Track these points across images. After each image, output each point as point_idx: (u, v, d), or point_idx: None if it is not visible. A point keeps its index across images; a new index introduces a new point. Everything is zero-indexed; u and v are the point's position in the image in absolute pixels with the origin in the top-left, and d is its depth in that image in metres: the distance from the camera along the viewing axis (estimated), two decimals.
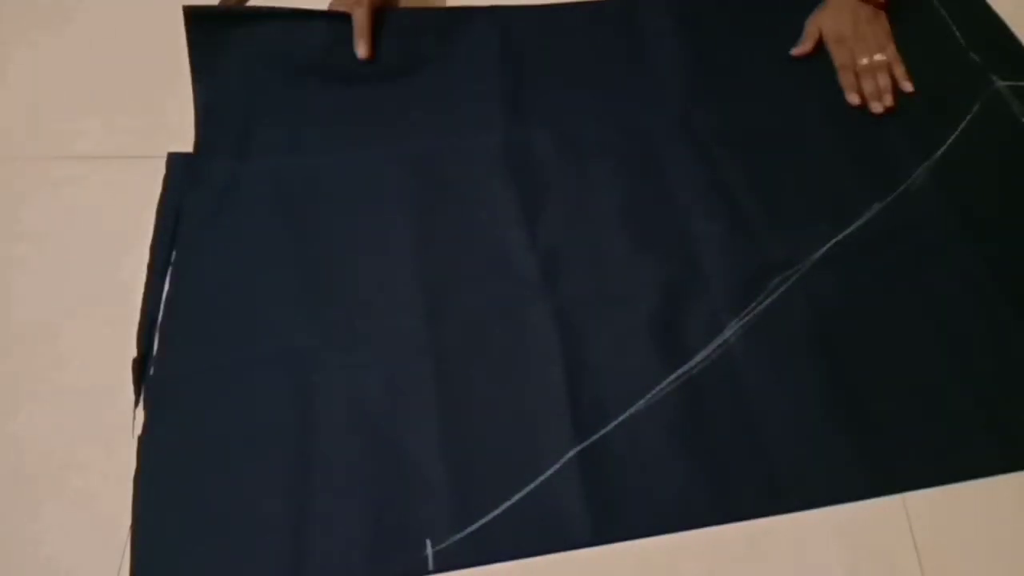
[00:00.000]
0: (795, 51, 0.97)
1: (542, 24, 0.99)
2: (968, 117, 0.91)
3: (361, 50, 0.94)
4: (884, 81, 0.93)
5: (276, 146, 0.88)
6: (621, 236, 0.82)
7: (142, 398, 0.72)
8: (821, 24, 0.97)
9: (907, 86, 0.93)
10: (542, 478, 0.68)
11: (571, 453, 0.69)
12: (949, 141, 0.89)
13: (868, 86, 0.93)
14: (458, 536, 0.66)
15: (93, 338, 0.75)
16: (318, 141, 0.88)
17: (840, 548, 0.66)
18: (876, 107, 0.92)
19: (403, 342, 0.75)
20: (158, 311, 0.76)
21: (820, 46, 0.97)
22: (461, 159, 0.87)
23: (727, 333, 0.76)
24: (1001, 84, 0.94)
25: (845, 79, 0.94)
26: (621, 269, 0.80)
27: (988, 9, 1.02)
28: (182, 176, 0.84)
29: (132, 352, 0.74)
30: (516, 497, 0.67)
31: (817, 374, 0.74)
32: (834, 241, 0.81)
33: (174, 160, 0.85)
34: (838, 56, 0.95)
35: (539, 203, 0.84)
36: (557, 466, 0.69)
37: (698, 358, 0.74)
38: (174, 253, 0.80)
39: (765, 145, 0.89)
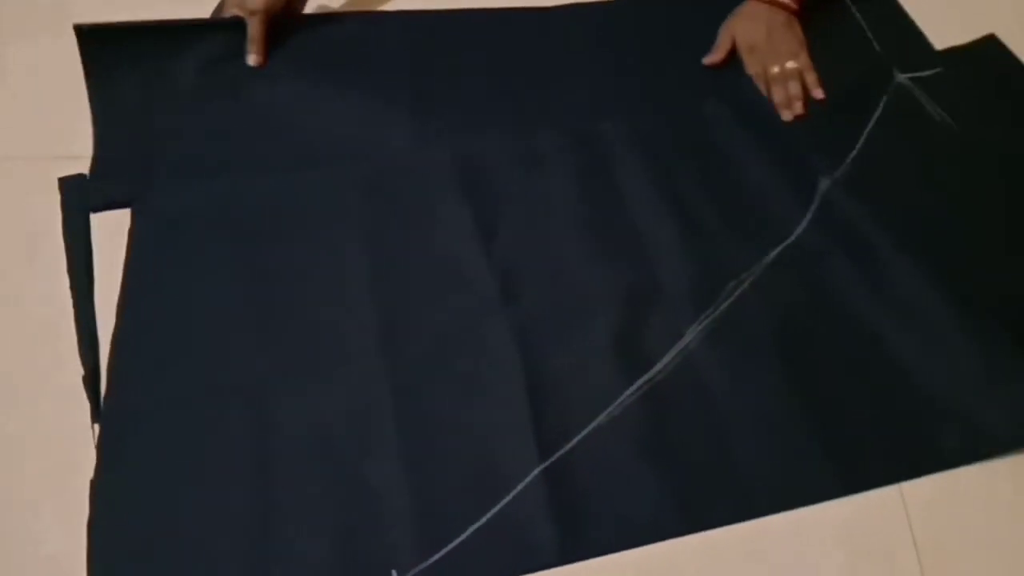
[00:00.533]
0: (706, 60, 0.98)
1: (486, 33, 1.00)
2: (878, 111, 0.92)
3: (252, 59, 0.94)
4: (795, 89, 0.94)
5: (223, 169, 0.88)
6: (577, 248, 0.82)
7: (95, 437, 0.72)
8: (734, 32, 0.97)
9: (818, 93, 0.94)
10: (507, 499, 0.68)
11: (535, 472, 0.69)
12: (860, 142, 0.89)
13: (778, 95, 0.94)
14: (424, 564, 0.65)
15: None
16: (263, 161, 0.88)
17: (840, 546, 0.68)
18: (786, 115, 0.93)
19: (360, 368, 0.75)
20: (94, 330, 0.77)
21: (733, 55, 0.98)
22: (412, 177, 0.87)
23: (687, 339, 0.76)
24: (903, 77, 0.95)
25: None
26: (578, 282, 0.80)
27: (898, 7, 1.03)
28: (79, 198, 0.85)
29: None
30: (481, 521, 0.67)
31: (778, 375, 0.75)
32: (783, 245, 0.82)
33: (68, 184, 0.86)
34: (750, 65, 0.96)
35: (494, 218, 0.84)
36: (521, 486, 0.68)
37: (659, 366, 0.75)
38: (123, 286, 0.80)
39: (714, 152, 0.90)
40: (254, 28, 0.93)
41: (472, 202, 0.85)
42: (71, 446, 0.71)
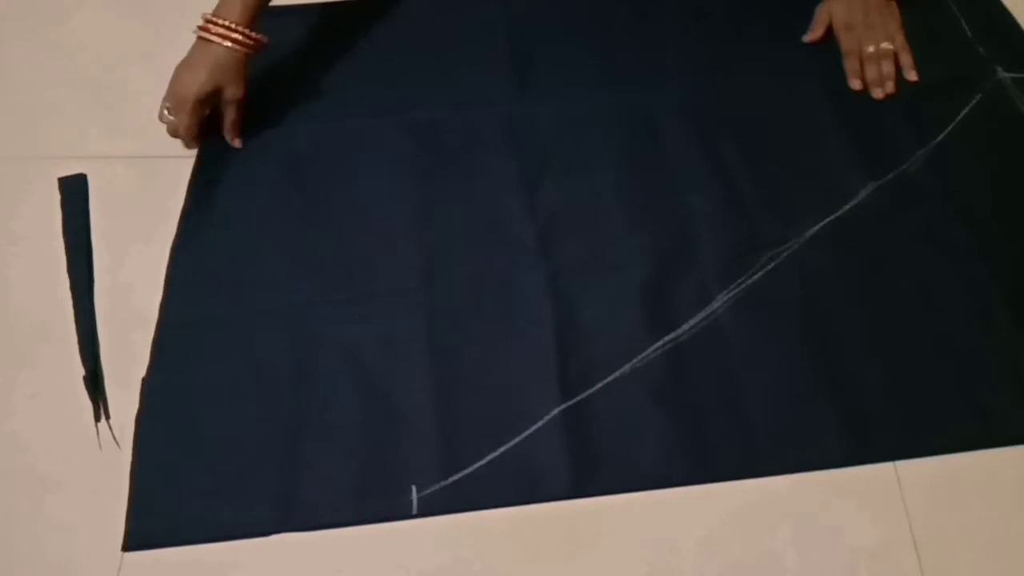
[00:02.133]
0: (806, 38, 0.99)
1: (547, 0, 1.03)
2: (969, 106, 0.92)
3: (238, 143, 0.91)
4: (888, 68, 0.95)
5: (284, 112, 0.92)
6: (617, 208, 0.84)
7: (149, 348, 0.76)
8: (832, 11, 0.99)
9: (912, 75, 0.95)
10: (527, 433, 0.70)
11: (556, 411, 0.71)
12: (949, 128, 0.90)
13: (871, 73, 0.94)
14: (443, 483, 0.68)
15: None
16: (326, 107, 0.93)
17: (839, 546, 0.67)
18: (877, 93, 0.94)
19: (400, 300, 0.78)
20: (94, 330, 0.78)
21: (830, 32, 0.99)
22: (466, 129, 0.91)
23: (716, 304, 0.78)
24: (1005, 75, 0.95)
25: (849, 65, 0.96)
26: (616, 239, 0.82)
27: (996, 1, 1.03)
28: (80, 198, 0.87)
29: (132, 349, 0.76)
30: (501, 449, 0.70)
31: (802, 347, 0.75)
32: (827, 220, 0.83)
33: (68, 184, 0.88)
34: (845, 42, 0.97)
35: (539, 174, 0.87)
36: (542, 423, 0.71)
37: (686, 326, 0.76)
38: (185, 210, 0.85)
39: (764, 124, 0.91)
40: (233, 116, 0.89)
41: (519, 157, 0.89)
42: (72, 446, 0.71)
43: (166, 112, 0.85)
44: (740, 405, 0.72)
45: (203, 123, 0.87)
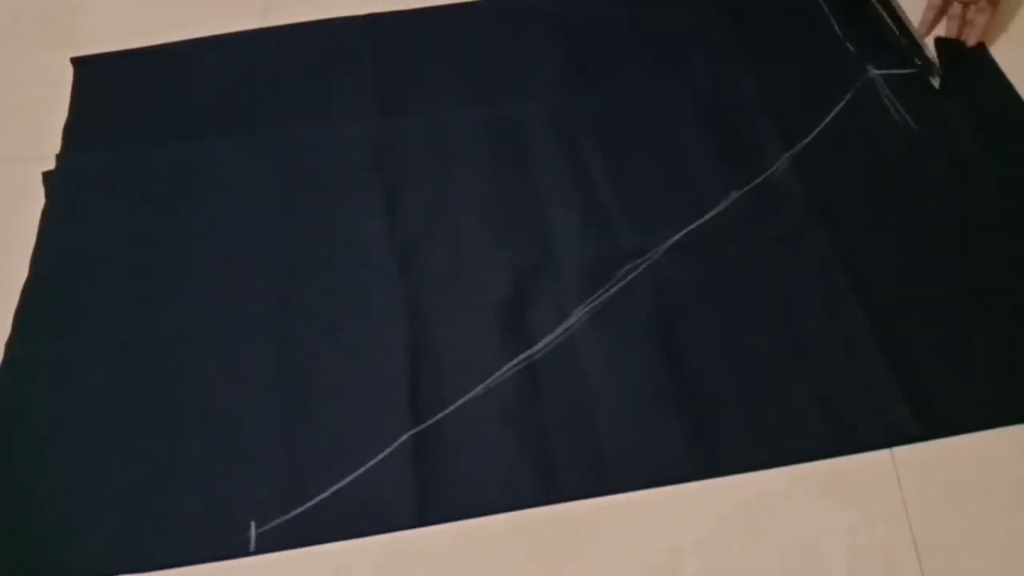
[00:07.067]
0: None
1: (416, 23, 1.02)
2: (839, 106, 0.92)
3: None
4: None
5: (139, 135, 0.92)
6: (479, 225, 0.85)
7: None
8: None
9: (971, 39, 0.97)
10: (373, 462, 0.71)
11: (405, 437, 0.72)
12: (817, 130, 0.90)
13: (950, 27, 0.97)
14: (284, 518, 0.68)
15: None
16: (183, 130, 0.92)
17: (840, 546, 0.68)
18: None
19: (249, 328, 0.78)
20: None
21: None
22: (329, 149, 0.90)
23: (572, 319, 0.78)
24: (875, 73, 0.95)
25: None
26: (476, 257, 0.82)
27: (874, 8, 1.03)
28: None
29: None
30: (346, 480, 0.70)
31: (655, 360, 0.76)
32: (687, 230, 0.83)
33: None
34: None
35: (402, 192, 0.87)
36: (389, 450, 0.71)
37: (541, 344, 0.77)
38: (37, 242, 0.84)
39: (631, 136, 0.91)
40: None
41: (382, 175, 0.88)
42: None
43: None
44: (589, 422, 0.73)
45: None
